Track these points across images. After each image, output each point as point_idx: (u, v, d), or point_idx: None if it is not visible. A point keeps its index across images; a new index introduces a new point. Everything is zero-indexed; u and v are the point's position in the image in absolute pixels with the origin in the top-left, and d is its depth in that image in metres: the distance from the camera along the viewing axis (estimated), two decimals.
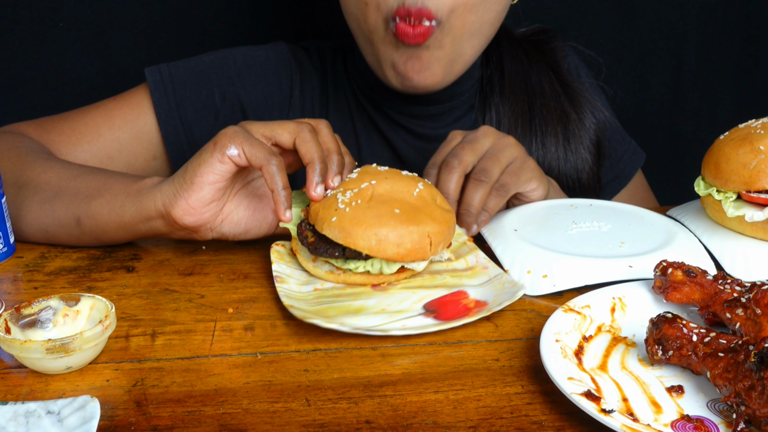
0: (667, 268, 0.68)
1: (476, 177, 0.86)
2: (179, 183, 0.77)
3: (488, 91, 1.10)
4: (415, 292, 0.75)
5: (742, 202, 0.80)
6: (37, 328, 0.65)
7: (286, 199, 0.76)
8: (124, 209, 0.81)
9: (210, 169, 0.75)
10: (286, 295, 0.73)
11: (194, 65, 1.06)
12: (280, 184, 0.75)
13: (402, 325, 0.69)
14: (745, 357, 0.54)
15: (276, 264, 0.79)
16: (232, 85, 1.06)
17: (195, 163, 0.76)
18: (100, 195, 0.83)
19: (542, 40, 1.17)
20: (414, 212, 0.75)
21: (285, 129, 0.79)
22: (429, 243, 0.75)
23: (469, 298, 0.74)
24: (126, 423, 0.56)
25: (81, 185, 0.85)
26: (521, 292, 0.72)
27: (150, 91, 1.03)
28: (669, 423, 0.54)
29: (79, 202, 0.83)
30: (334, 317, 0.70)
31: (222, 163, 0.75)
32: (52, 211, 0.85)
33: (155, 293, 0.77)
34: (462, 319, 0.69)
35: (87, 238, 0.85)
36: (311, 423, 0.56)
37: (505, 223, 0.86)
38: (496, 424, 0.56)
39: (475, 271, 0.79)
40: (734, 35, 1.49)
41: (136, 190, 0.81)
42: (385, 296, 0.75)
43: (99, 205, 0.82)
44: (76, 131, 1.01)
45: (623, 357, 0.63)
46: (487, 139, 0.90)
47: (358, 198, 0.75)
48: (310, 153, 0.77)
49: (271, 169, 0.75)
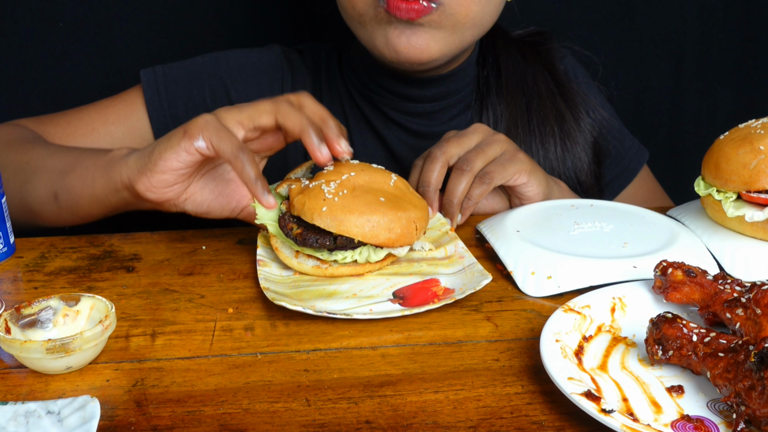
0: (667, 268, 0.68)
1: (459, 166, 0.88)
2: (145, 161, 0.77)
3: (485, 91, 1.10)
4: (389, 279, 0.78)
5: (742, 202, 0.80)
6: (37, 328, 0.65)
7: (263, 186, 0.75)
8: (95, 181, 0.82)
9: (175, 157, 0.75)
10: (264, 278, 0.76)
11: (188, 66, 1.08)
12: (253, 175, 0.74)
13: (368, 309, 0.71)
14: (745, 357, 0.54)
15: (261, 248, 0.82)
16: (222, 85, 1.07)
17: (162, 147, 0.76)
18: (73, 169, 0.85)
19: (538, 41, 1.17)
20: (396, 200, 0.77)
21: (263, 110, 0.78)
22: (415, 228, 0.77)
23: (439, 286, 0.76)
24: (126, 423, 0.56)
25: (57, 162, 0.88)
26: (486, 281, 0.73)
27: (143, 90, 1.05)
28: (669, 423, 0.54)
29: (56, 178, 0.86)
30: (306, 300, 0.73)
31: (188, 153, 0.75)
32: (33, 189, 0.88)
33: (155, 293, 0.77)
34: (425, 306, 0.71)
35: (65, 214, 0.87)
36: (311, 423, 0.56)
37: (507, 224, 0.86)
38: (496, 424, 0.56)
39: (452, 260, 0.80)
40: (734, 35, 1.49)
41: (105, 163, 0.82)
42: (358, 282, 0.77)
43: (72, 179, 0.84)
44: (71, 124, 1.04)
45: (623, 357, 0.63)
46: (476, 135, 0.91)
47: (344, 188, 0.76)
48: (297, 123, 0.76)
49: (240, 164, 0.74)
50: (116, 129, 1.04)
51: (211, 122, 0.75)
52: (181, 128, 0.76)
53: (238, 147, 0.74)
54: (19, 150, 0.93)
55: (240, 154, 0.74)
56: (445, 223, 0.88)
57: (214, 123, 0.75)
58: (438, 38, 0.93)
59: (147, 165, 0.77)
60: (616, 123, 1.18)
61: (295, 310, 0.69)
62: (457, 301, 0.73)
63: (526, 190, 0.92)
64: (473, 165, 0.88)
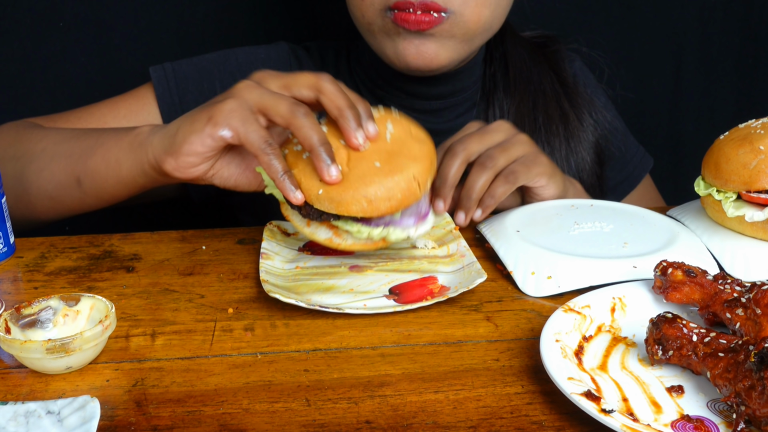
0: (667, 268, 0.68)
1: (481, 162, 0.86)
2: (170, 142, 0.76)
3: (491, 87, 1.10)
4: (387, 275, 0.78)
5: (742, 202, 0.80)
6: (37, 328, 0.65)
7: (291, 182, 0.73)
8: (120, 163, 0.81)
9: (200, 142, 0.74)
10: (265, 271, 0.76)
11: (197, 62, 1.08)
12: (280, 169, 0.72)
13: (362, 305, 0.71)
14: (745, 357, 0.54)
15: (266, 242, 0.83)
16: (233, 80, 1.06)
17: (186, 129, 0.75)
18: (94, 152, 0.83)
19: (546, 43, 1.17)
20: (393, 159, 0.74)
21: (304, 83, 0.76)
22: (417, 185, 0.74)
23: (436, 284, 0.76)
24: (126, 423, 0.56)
25: (75, 146, 0.86)
26: (480, 280, 0.73)
27: (153, 86, 1.04)
28: (669, 423, 0.54)
29: (76, 162, 0.84)
30: (303, 294, 0.74)
31: (213, 139, 0.74)
32: (51, 176, 0.86)
33: (155, 293, 0.77)
34: (418, 303, 0.71)
35: (89, 199, 0.86)
36: (311, 423, 0.56)
37: (507, 224, 0.85)
38: (496, 424, 0.56)
39: (453, 259, 0.81)
40: (734, 35, 1.49)
41: (129, 143, 0.81)
42: (358, 277, 0.78)
43: (95, 162, 0.83)
44: (81, 120, 1.02)
45: (623, 357, 0.63)
46: (499, 134, 0.89)
47: (337, 158, 0.74)
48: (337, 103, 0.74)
49: (266, 158, 0.72)
50: (128, 124, 1.03)
51: (237, 110, 0.73)
52: (205, 112, 0.74)
53: (264, 140, 0.72)
54: (32, 139, 0.91)
55: (266, 147, 0.72)
56: (450, 221, 0.87)
57: (241, 111, 0.73)
58: (448, 47, 0.94)
59: (172, 146, 0.76)
60: (621, 126, 1.18)
61: (287, 302, 0.69)
62: (458, 301, 0.73)
63: (543, 192, 0.91)
64: (496, 163, 0.86)
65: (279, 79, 0.77)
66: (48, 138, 0.89)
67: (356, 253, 0.83)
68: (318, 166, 0.71)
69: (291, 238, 0.88)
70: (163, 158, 0.77)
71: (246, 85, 0.76)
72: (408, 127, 0.78)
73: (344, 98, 0.74)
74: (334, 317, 0.71)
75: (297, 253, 0.84)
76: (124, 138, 0.82)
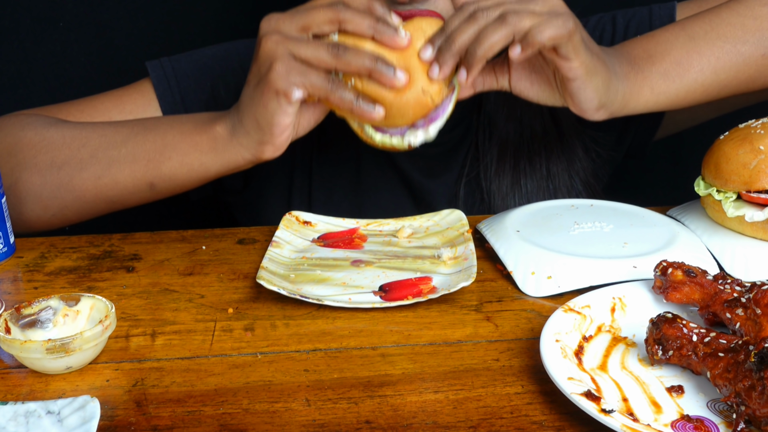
0: (667, 268, 0.68)
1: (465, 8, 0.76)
2: (259, 134, 0.79)
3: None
4: (386, 272, 0.78)
5: (742, 202, 0.80)
6: (37, 328, 0.65)
7: (364, 103, 0.75)
8: (207, 167, 0.83)
9: (283, 116, 0.77)
10: (269, 258, 0.79)
11: (197, 58, 1.06)
12: (352, 98, 0.75)
13: (347, 299, 0.72)
14: (745, 357, 0.54)
15: (280, 230, 0.85)
16: (235, 75, 1.05)
17: (262, 113, 0.77)
18: (168, 157, 0.84)
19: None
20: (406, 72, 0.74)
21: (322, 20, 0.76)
22: (430, 99, 0.76)
23: (429, 285, 0.76)
24: (126, 423, 0.56)
25: (136, 151, 0.86)
26: (463, 284, 0.72)
27: (154, 86, 1.03)
28: (669, 423, 0.54)
29: (146, 168, 0.85)
30: (297, 283, 0.76)
31: (292, 106, 0.76)
32: (115, 183, 0.86)
33: (155, 293, 0.77)
34: (400, 301, 0.71)
35: (160, 197, 0.88)
36: (311, 423, 0.56)
37: (507, 224, 0.85)
38: (496, 424, 0.56)
39: (457, 261, 0.80)
40: None
41: (210, 147, 0.83)
42: (355, 272, 0.79)
43: (171, 167, 0.84)
44: (84, 113, 1.01)
45: (623, 357, 0.63)
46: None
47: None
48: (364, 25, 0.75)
49: (336, 97, 0.75)
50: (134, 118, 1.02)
51: (289, 69, 0.74)
52: (266, 87, 0.75)
53: (327, 81, 0.75)
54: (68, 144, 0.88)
55: (331, 86, 0.75)
56: (465, 224, 0.87)
57: (291, 67, 0.74)
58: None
59: (264, 135, 0.78)
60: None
61: (270, 288, 0.71)
62: (458, 301, 0.73)
63: (566, 69, 0.76)
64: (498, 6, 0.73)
65: (294, 22, 0.77)
66: (90, 142, 0.88)
67: (365, 247, 0.85)
68: (383, 82, 0.74)
69: (307, 227, 0.89)
70: (261, 149, 0.80)
71: (274, 41, 0.76)
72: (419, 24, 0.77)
73: (368, 17, 0.75)
74: (334, 317, 0.71)
75: (309, 243, 0.86)
76: (199, 141, 0.83)
